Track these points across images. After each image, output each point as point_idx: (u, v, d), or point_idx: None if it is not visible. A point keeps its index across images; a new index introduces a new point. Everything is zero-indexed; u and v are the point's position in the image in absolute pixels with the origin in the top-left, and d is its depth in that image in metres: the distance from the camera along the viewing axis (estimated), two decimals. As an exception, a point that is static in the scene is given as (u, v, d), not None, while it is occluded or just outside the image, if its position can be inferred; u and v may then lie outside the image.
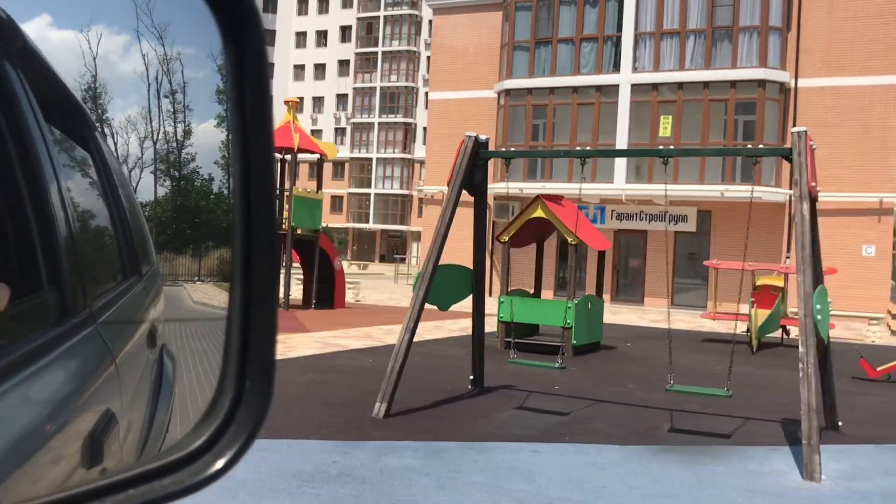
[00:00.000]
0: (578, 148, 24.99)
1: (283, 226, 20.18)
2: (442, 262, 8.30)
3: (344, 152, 75.68)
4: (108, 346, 1.19)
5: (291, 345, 13.01)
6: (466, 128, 32.48)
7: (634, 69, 28.18)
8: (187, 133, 1.14)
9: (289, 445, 6.49)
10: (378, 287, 31.71)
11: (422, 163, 79.38)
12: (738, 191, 26.30)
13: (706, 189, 27.18)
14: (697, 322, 21.75)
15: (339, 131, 79.27)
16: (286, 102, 20.17)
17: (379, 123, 76.51)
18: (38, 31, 0.99)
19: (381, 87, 76.81)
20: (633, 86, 28.06)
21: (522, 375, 10.56)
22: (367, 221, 75.17)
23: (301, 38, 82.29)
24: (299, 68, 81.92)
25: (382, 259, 73.26)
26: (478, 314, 9.20)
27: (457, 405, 8.56)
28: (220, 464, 1.02)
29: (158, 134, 1.13)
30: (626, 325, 21.94)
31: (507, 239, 13.30)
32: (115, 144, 1.14)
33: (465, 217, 32.77)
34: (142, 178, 1.17)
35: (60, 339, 1.05)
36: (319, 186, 20.77)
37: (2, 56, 0.96)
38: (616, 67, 28.43)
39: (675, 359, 14.25)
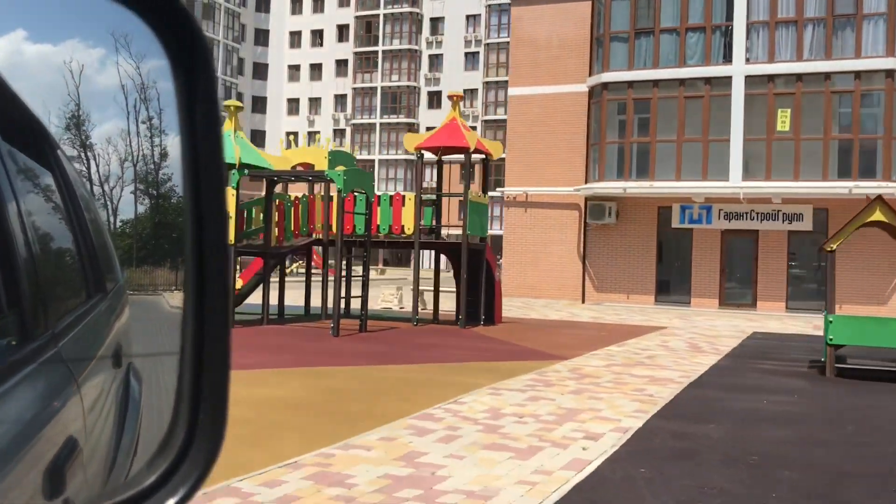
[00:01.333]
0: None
1: (428, 233, 18.03)
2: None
3: (343, 155, 73.01)
4: (70, 370, 1.16)
5: (618, 382, 10.79)
6: (551, 125, 30.68)
7: (747, 60, 26.66)
8: (163, 155, 1.18)
9: None
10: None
11: (425, 164, 76.51)
12: (868, 187, 24.94)
13: (830, 186, 25.72)
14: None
15: (338, 133, 76.54)
16: (450, 97, 17.80)
17: (381, 124, 73.99)
18: (13, 44, 0.99)
19: (382, 87, 74.34)
20: (746, 77, 26.53)
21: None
22: (370, 225, 72.27)
23: (295, 37, 79.41)
24: (294, 69, 79.05)
25: (385, 263, 70.50)
26: None
27: None
28: (171, 502, 1.01)
29: (137, 157, 1.16)
30: (795, 333, 20.27)
31: (834, 247, 11.44)
32: (98, 167, 1.15)
33: (554, 220, 29.58)
34: (122, 196, 1.19)
35: (21, 363, 1.01)
36: (486, 189, 18.58)
37: None
38: (727, 58, 26.86)
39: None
